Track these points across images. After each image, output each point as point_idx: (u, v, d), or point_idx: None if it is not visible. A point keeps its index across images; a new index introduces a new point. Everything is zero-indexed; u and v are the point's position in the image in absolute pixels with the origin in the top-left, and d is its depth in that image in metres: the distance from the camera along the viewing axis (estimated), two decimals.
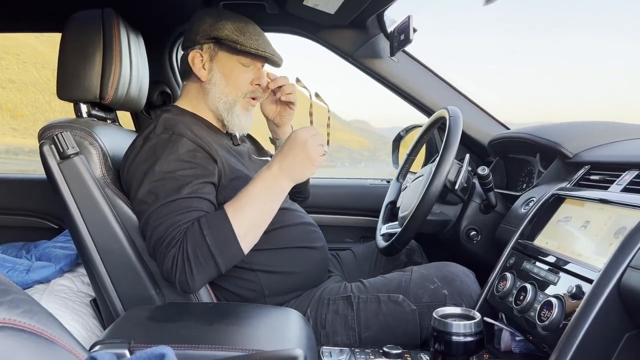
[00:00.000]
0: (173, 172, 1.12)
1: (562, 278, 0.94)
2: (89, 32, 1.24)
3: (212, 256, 1.07)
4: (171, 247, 1.06)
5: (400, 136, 1.93)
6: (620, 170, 1.08)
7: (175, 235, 1.07)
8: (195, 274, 1.06)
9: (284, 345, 0.90)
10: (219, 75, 1.27)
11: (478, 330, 0.87)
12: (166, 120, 1.19)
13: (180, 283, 1.07)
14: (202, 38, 1.26)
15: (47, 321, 0.46)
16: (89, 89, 1.23)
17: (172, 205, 1.09)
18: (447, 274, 1.24)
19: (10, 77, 15.22)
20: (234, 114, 1.29)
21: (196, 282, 1.07)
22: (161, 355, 0.41)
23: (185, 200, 1.10)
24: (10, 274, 1.44)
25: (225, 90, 1.28)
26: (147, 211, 1.10)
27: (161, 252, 1.08)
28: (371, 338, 1.19)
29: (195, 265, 1.06)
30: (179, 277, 1.06)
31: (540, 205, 1.16)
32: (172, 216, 1.08)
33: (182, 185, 1.11)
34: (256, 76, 1.30)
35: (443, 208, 1.45)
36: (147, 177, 1.12)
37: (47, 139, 1.13)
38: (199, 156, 1.16)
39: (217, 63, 1.27)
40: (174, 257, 1.06)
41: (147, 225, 1.10)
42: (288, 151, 1.12)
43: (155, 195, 1.10)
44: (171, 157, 1.13)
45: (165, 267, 1.07)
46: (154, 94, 1.82)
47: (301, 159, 1.11)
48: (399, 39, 1.56)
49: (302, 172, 1.14)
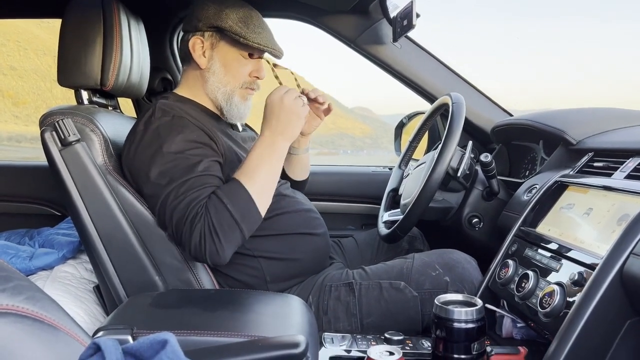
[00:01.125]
0: (182, 152, 1.12)
1: (564, 265, 0.94)
2: (89, 18, 1.23)
3: (236, 223, 1.08)
4: (196, 222, 1.07)
5: (403, 123, 1.92)
6: (624, 157, 1.07)
7: (198, 211, 1.07)
8: (224, 242, 1.07)
9: (286, 332, 0.90)
10: (219, 64, 1.26)
11: (479, 317, 0.88)
12: (163, 105, 1.19)
13: (211, 255, 1.07)
14: (204, 25, 1.24)
15: (50, 307, 0.46)
16: (90, 76, 1.23)
17: (187, 184, 1.10)
18: (449, 261, 1.24)
19: (12, 64, 15.18)
20: (233, 104, 1.29)
21: (226, 252, 1.08)
22: (164, 342, 0.41)
23: (200, 178, 1.11)
24: (13, 261, 1.45)
25: (224, 80, 1.27)
26: (164, 192, 1.10)
27: (186, 229, 1.08)
28: (373, 324, 1.19)
29: (222, 235, 1.07)
30: (208, 249, 1.07)
31: (543, 192, 1.16)
32: (190, 193, 1.09)
33: (195, 163, 1.11)
34: (255, 68, 1.29)
35: (445, 195, 1.44)
36: (157, 159, 1.11)
37: (49, 125, 1.13)
38: (203, 136, 1.16)
39: (218, 52, 1.26)
40: (201, 231, 1.06)
41: (166, 207, 1.10)
42: (270, 115, 1.16)
43: (169, 176, 1.10)
44: (177, 137, 1.13)
45: (194, 242, 1.07)
46: (155, 81, 1.81)
47: (285, 116, 1.15)
48: (402, 24, 1.54)
49: (291, 128, 1.16)
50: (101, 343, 0.40)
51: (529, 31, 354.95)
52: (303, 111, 1.17)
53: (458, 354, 0.87)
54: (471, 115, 1.70)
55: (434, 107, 1.51)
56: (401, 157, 1.67)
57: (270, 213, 1.18)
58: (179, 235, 1.10)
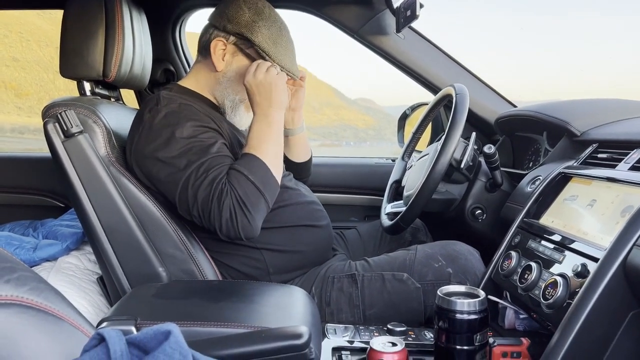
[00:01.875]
0: (195, 137, 1.12)
1: (567, 257, 0.94)
2: (91, 9, 1.22)
3: (260, 193, 1.10)
4: (223, 199, 1.07)
5: (406, 114, 1.91)
6: (628, 148, 1.06)
7: (223, 188, 1.08)
8: (254, 213, 1.08)
9: (289, 323, 0.91)
10: (234, 72, 1.25)
11: (482, 308, 0.88)
12: (167, 95, 1.19)
13: (244, 228, 1.08)
14: (233, 30, 1.22)
15: (54, 298, 0.47)
16: (92, 67, 1.23)
17: (205, 165, 1.10)
18: (452, 253, 1.24)
19: (14, 55, 15.17)
20: (237, 113, 1.29)
21: (257, 222, 1.10)
22: (167, 332, 0.41)
23: (217, 158, 1.12)
24: (17, 252, 1.45)
25: (235, 89, 1.27)
26: (183, 176, 1.10)
27: (214, 207, 1.07)
28: (375, 315, 1.20)
29: (250, 206, 1.08)
30: (240, 222, 1.07)
31: (547, 183, 1.15)
32: (211, 173, 1.09)
33: (209, 145, 1.12)
34: None
35: (448, 187, 1.44)
36: (171, 144, 1.11)
37: (51, 117, 1.13)
38: (210, 122, 1.17)
39: (237, 61, 1.25)
40: (231, 206, 1.07)
41: (188, 189, 1.09)
42: (252, 95, 1.19)
43: (186, 159, 1.10)
44: (188, 123, 1.13)
45: (225, 218, 1.07)
46: (157, 72, 1.81)
47: (264, 89, 1.17)
48: (405, 14, 1.53)
49: (276, 97, 1.17)
50: (105, 334, 0.41)
51: (534, 22, 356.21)
52: (279, 78, 1.18)
53: (460, 345, 0.87)
54: (475, 107, 1.69)
55: (437, 99, 1.50)
56: (404, 148, 1.66)
57: (273, 205, 1.19)
58: (207, 215, 1.09)
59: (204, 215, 1.09)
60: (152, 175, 1.14)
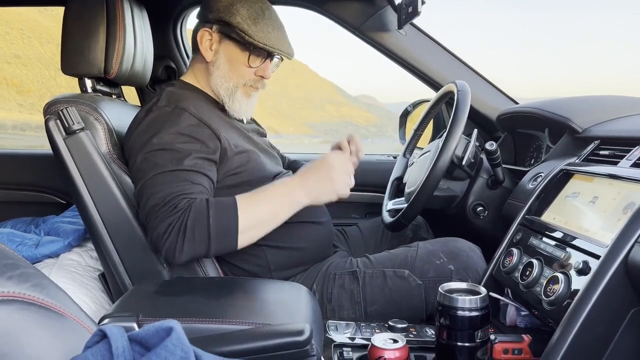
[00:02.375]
0: (172, 144, 1.11)
1: (568, 254, 0.94)
2: (92, 6, 1.22)
3: (208, 238, 1.05)
4: (170, 215, 1.05)
5: (407, 111, 1.91)
6: (630, 145, 1.06)
7: (178, 205, 1.05)
8: (185, 248, 1.04)
9: (290, 319, 0.91)
10: (224, 60, 1.24)
11: (483, 305, 0.88)
12: (170, 94, 1.18)
13: (167, 251, 1.05)
14: (213, 17, 1.22)
15: (57, 295, 0.47)
16: (93, 64, 1.22)
17: (171, 175, 1.08)
18: (453, 249, 1.24)
19: (16, 52, 15.17)
20: (235, 100, 1.26)
21: (183, 256, 1.05)
22: (169, 329, 0.41)
23: (185, 173, 1.09)
24: (20, 249, 1.46)
25: (227, 76, 1.25)
26: (144, 178, 1.09)
27: (157, 217, 1.06)
28: (377, 312, 1.20)
29: (188, 240, 1.04)
30: (167, 245, 1.04)
31: (548, 180, 1.15)
32: (173, 185, 1.07)
33: (182, 157, 1.10)
34: (261, 68, 1.26)
35: (450, 184, 1.44)
36: (146, 147, 1.11)
37: (53, 114, 1.13)
38: (201, 131, 1.15)
39: (224, 48, 1.24)
40: (170, 225, 1.04)
41: (143, 192, 1.09)
42: (314, 170, 1.13)
43: (153, 163, 1.09)
44: (172, 129, 1.12)
45: (157, 232, 1.05)
46: (158, 69, 1.81)
47: (324, 182, 1.12)
48: (407, 11, 1.53)
49: (321, 194, 1.13)
50: (107, 330, 0.41)
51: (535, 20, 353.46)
52: (342, 190, 1.14)
53: (462, 342, 0.87)
54: (476, 103, 1.69)
55: (439, 95, 1.50)
56: (406, 145, 1.66)
57: None
58: (147, 221, 1.08)
59: (147, 219, 1.08)
60: (129, 171, 1.16)
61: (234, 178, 1.20)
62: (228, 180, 1.19)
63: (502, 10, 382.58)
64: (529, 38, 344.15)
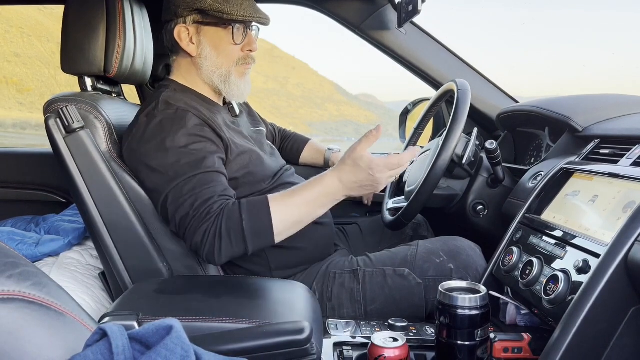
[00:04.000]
0: (186, 147, 1.10)
1: (569, 252, 0.94)
2: (92, 5, 1.22)
3: (244, 240, 1.06)
4: (204, 222, 1.05)
5: (408, 110, 1.91)
6: (630, 144, 1.06)
7: (210, 211, 1.06)
8: (224, 250, 1.06)
9: (291, 318, 0.91)
10: (209, 47, 1.23)
11: (483, 304, 0.88)
12: (167, 98, 1.18)
13: (208, 255, 1.07)
14: (184, 10, 1.20)
15: (57, 293, 0.47)
16: (93, 62, 1.22)
17: (193, 181, 1.08)
18: (453, 248, 1.24)
19: (16, 50, 15.16)
20: (231, 84, 1.25)
21: (222, 258, 1.07)
22: (169, 327, 0.41)
23: (206, 175, 1.09)
24: (20, 247, 1.46)
25: (218, 62, 1.24)
26: (167, 188, 1.09)
27: (191, 227, 1.07)
28: (377, 311, 1.20)
29: (225, 243, 1.05)
30: (207, 250, 1.06)
31: (549, 179, 1.15)
32: (198, 191, 1.07)
33: (199, 159, 1.10)
34: (247, 42, 1.24)
35: (450, 182, 1.44)
36: (160, 153, 1.10)
37: (52, 113, 1.13)
38: (207, 130, 1.15)
39: (205, 36, 1.22)
40: (206, 232, 1.05)
41: (168, 203, 1.09)
42: (355, 169, 1.07)
43: (173, 171, 1.09)
44: (181, 131, 1.11)
45: (195, 240, 1.07)
46: (158, 67, 1.81)
47: (368, 185, 1.08)
48: (407, 9, 1.53)
49: (360, 191, 1.10)
50: (107, 329, 0.41)
51: (536, 18, 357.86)
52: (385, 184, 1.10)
53: (462, 341, 0.88)
54: (476, 102, 1.69)
55: (439, 94, 1.50)
56: (406, 144, 1.66)
57: None
58: (181, 231, 1.09)
59: (180, 230, 1.09)
60: (139, 179, 1.15)
61: (237, 175, 1.20)
62: (232, 175, 1.19)
63: (502, 8, 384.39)
64: (528, 36, 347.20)
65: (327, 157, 1.68)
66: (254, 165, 1.23)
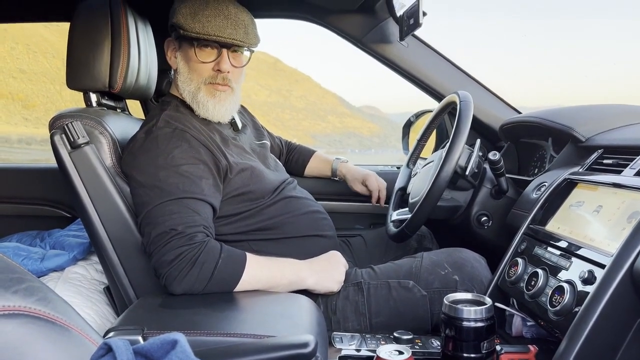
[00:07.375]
0: (177, 167, 1.11)
1: (574, 263, 0.93)
2: (97, 21, 1.24)
3: (209, 279, 1.05)
4: (184, 245, 1.05)
5: (411, 122, 1.92)
6: (633, 154, 1.06)
7: (194, 238, 1.05)
8: (187, 279, 1.04)
9: (295, 331, 0.91)
10: (182, 63, 1.25)
11: (489, 316, 0.87)
12: (168, 117, 1.19)
13: (168, 278, 1.05)
14: (169, 25, 1.24)
15: (62, 308, 0.47)
16: (98, 78, 1.24)
17: (179, 204, 1.08)
18: (458, 260, 1.23)
19: (21, 67, 15.31)
20: (200, 103, 1.24)
21: (180, 286, 1.05)
22: (174, 342, 0.41)
23: (194, 201, 1.09)
24: (25, 262, 1.46)
25: (188, 78, 1.24)
26: (152, 204, 1.09)
27: (168, 244, 1.05)
28: (382, 324, 1.19)
29: (193, 274, 1.04)
30: (171, 272, 1.04)
31: (552, 190, 1.15)
32: (183, 214, 1.07)
33: (189, 183, 1.10)
34: (216, 61, 1.23)
35: (454, 194, 1.44)
36: (151, 169, 1.11)
37: (58, 128, 1.14)
38: (203, 152, 1.15)
39: (181, 51, 1.25)
40: (181, 255, 1.04)
41: (150, 218, 1.09)
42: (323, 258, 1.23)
43: (159, 189, 1.09)
44: (175, 151, 1.12)
45: (165, 258, 1.05)
46: (163, 82, 1.82)
47: (331, 270, 1.20)
48: (409, 23, 1.54)
49: (325, 278, 1.18)
50: (112, 343, 0.41)
51: (538, 29, 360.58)
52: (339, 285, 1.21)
53: (467, 353, 0.87)
54: (479, 113, 1.69)
55: (441, 106, 1.50)
56: (409, 155, 1.66)
57: (279, 217, 1.18)
58: (154, 247, 1.07)
59: (154, 245, 1.07)
60: (130, 191, 1.15)
61: (237, 192, 1.21)
62: (232, 193, 1.20)
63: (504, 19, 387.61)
64: (530, 47, 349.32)
65: (334, 166, 1.69)
66: (254, 182, 1.24)
